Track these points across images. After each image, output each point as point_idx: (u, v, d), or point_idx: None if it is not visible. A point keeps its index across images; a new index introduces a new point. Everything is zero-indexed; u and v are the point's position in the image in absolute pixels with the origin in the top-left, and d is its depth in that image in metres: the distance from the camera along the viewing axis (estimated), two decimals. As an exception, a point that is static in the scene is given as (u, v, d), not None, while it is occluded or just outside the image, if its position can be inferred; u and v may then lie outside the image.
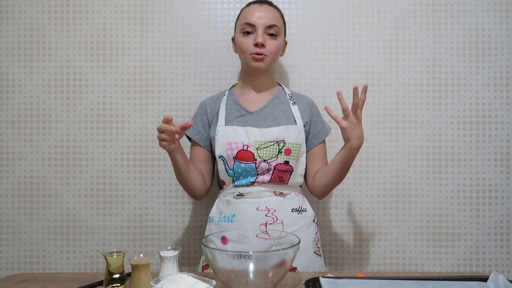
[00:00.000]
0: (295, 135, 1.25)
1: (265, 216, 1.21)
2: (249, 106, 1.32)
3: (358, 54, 1.57)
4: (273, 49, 1.28)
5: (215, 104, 1.35)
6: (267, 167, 1.23)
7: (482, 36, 1.57)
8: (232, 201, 1.25)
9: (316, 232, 1.31)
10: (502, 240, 1.57)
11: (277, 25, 1.28)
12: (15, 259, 1.57)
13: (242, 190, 1.24)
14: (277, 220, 1.21)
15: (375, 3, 1.57)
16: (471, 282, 0.91)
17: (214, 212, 1.30)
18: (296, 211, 1.26)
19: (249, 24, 1.27)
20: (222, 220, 1.25)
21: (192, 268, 1.57)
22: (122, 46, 1.56)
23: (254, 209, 1.22)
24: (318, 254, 1.29)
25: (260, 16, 1.26)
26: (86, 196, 1.57)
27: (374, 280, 0.92)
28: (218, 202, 1.31)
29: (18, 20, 1.56)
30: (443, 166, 1.57)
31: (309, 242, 1.26)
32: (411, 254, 1.57)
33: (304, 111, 1.33)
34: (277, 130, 1.24)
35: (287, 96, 1.35)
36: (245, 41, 1.27)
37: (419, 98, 1.57)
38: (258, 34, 1.25)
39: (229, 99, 1.34)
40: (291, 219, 1.23)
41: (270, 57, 1.28)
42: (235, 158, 1.22)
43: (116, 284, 0.94)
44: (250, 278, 0.82)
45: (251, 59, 1.27)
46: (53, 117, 1.57)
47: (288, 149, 1.24)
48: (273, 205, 1.22)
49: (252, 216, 1.21)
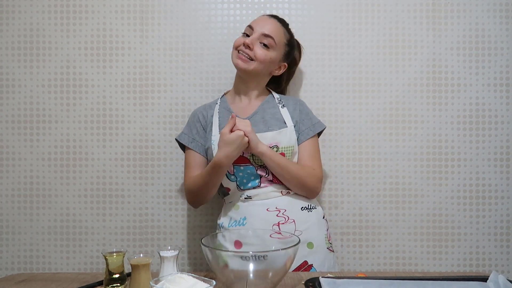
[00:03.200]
0: (287, 138, 1.26)
1: (277, 216, 1.22)
2: (241, 113, 1.33)
3: (358, 54, 1.57)
4: (260, 56, 1.27)
5: (207, 112, 1.36)
6: (265, 172, 1.24)
7: (482, 36, 1.57)
8: (241, 205, 1.25)
9: (327, 228, 1.33)
10: (502, 240, 1.57)
11: (273, 38, 1.28)
12: (15, 259, 1.57)
13: (249, 193, 1.24)
14: (288, 220, 1.22)
15: (375, 3, 1.57)
16: (471, 282, 0.91)
17: (223, 219, 1.30)
18: (306, 209, 1.26)
19: (250, 27, 1.30)
20: (233, 225, 1.25)
21: (192, 268, 1.57)
22: (122, 46, 1.56)
23: (264, 210, 1.22)
24: (331, 250, 1.31)
25: (262, 24, 1.29)
26: (86, 196, 1.57)
27: (374, 280, 0.92)
28: (225, 208, 1.31)
29: (18, 20, 1.56)
30: (443, 166, 1.57)
31: (322, 239, 1.28)
32: (411, 254, 1.57)
33: (294, 111, 1.34)
34: (270, 136, 1.25)
35: (275, 101, 1.36)
36: (238, 39, 1.30)
37: (419, 98, 1.57)
38: (252, 37, 1.27)
39: (221, 107, 1.35)
40: (302, 217, 1.24)
41: (255, 63, 1.27)
42: (233, 163, 1.22)
43: (116, 284, 0.94)
44: (250, 278, 0.82)
45: (235, 56, 1.29)
46: (53, 117, 1.57)
47: (281, 153, 1.25)
48: (282, 205, 1.23)
49: (264, 218, 1.21)
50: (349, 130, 1.56)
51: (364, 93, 1.57)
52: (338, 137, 1.55)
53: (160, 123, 1.56)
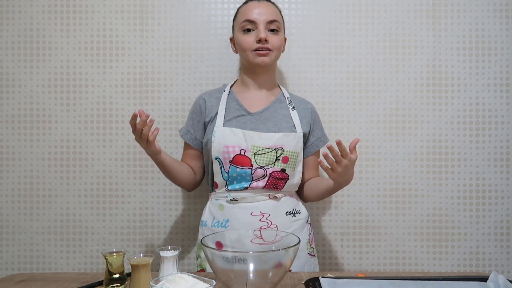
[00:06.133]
0: (294, 143, 1.24)
1: (260, 221, 1.20)
2: (250, 106, 1.29)
3: (358, 54, 1.57)
4: (276, 44, 1.26)
5: (210, 98, 1.32)
6: (263, 174, 1.21)
7: (482, 36, 1.57)
8: (226, 206, 1.23)
9: (310, 232, 1.31)
10: (502, 240, 1.57)
11: (277, 20, 1.27)
12: (15, 259, 1.57)
13: (236, 195, 1.21)
14: (271, 225, 1.20)
15: (375, 3, 1.57)
16: (471, 282, 0.91)
17: (207, 216, 1.27)
18: (290, 214, 1.24)
19: (249, 21, 1.25)
20: (215, 225, 1.23)
21: (192, 268, 1.57)
22: (122, 46, 1.56)
23: (248, 214, 1.20)
24: (312, 255, 1.29)
25: (260, 12, 1.25)
26: (86, 196, 1.57)
27: (374, 280, 0.92)
28: (210, 206, 1.28)
29: (18, 20, 1.56)
30: (443, 166, 1.57)
31: (303, 244, 1.26)
32: (411, 254, 1.57)
33: (304, 118, 1.31)
34: (277, 137, 1.22)
35: (286, 101, 1.33)
36: (246, 39, 1.25)
37: (419, 98, 1.57)
38: (260, 30, 1.23)
39: (229, 97, 1.32)
40: (285, 222, 1.22)
41: (274, 52, 1.26)
42: (231, 162, 1.20)
43: (116, 284, 0.94)
44: (250, 278, 0.82)
45: (255, 55, 1.24)
46: (53, 117, 1.57)
47: (285, 157, 1.22)
48: (267, 209, 1.21)
49: (247, 222, 1.19)
50: (349, 130, 1.56)
51: (364, 93, 1.57)
52: (338, 137, 1.55)
53: (160, 123, 1.56)
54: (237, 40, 1.29)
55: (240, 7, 1.32)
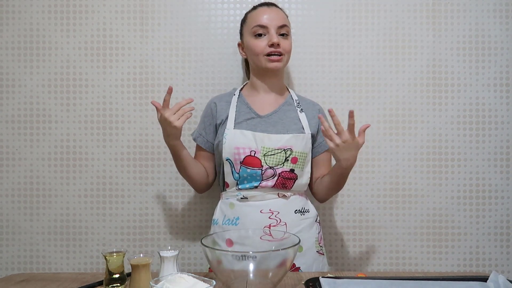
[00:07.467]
0: (302, 144, 1.26)
1: (269, 218, 1.22)
2: (259, 109, 1.32)
3: (358, 54, 1.57)
4: (288, 48, 1.30)
5: (225, 103, 1.34)
6: (272, 173, 1.24)
7: (482, 36, 1.57)
8: (236, 204, 1.25)
9: (319, 231, 1.33)
10: (502, 240, 1.57)
11: (287, 25, 1.31)
12: (15, 259, 1.57)
13: (246, 193, 1.24)
14: (280, 222, 1.22)
15: (375, 3, 1.57)
16: (471, 282, 0.91)
17: (218, 215, 1.30)
18: (299, 212, 1.26)
19: (261, 26, 1.27)
20: (226, 223, 1.26)
21: (192, 268, 1.57)
22: (122, 46, 1.56)
23: (258, 211, 1.22)
24: (321, 253, 1.30)
25: (271, 17, 1.28)
26: (86, 196, 1.57)
27: (374, 280, 0.92)
28: (221, 205, 1.31)
29: (18, 20, 1.56)
30: (443, 166, 1.57)
31: (312, 242, 1.27)
32: (411, 254, 1.57)
33: (312, 119, 1.34)
34: (286, 138, 1.25)
35: (294, 103, 1.36)
36: (258, 43, 1.28)
37: (419, 98, 1.57)
38: (271, 34, 1.26)
39: (239, 100, 1.34)
40: (294, 220, 1.24)
41: (286, 56, 1.30)
42: (242, 162, 1.23)
43: (116, 284, 0.94)
44: (250, 278, 0.82)
45: (267, 61, 1.27)
46: (53, 117, 1.57)
47: (294, 157, 1.25)
48: (276, 207, 1.23)
49: (256, 219, 1.21)
50: (349, 130, 1.56)
51: (364, 93, 1.57)
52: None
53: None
54: (248, 44, 1.31)
55: (249, 12, 1.34)
